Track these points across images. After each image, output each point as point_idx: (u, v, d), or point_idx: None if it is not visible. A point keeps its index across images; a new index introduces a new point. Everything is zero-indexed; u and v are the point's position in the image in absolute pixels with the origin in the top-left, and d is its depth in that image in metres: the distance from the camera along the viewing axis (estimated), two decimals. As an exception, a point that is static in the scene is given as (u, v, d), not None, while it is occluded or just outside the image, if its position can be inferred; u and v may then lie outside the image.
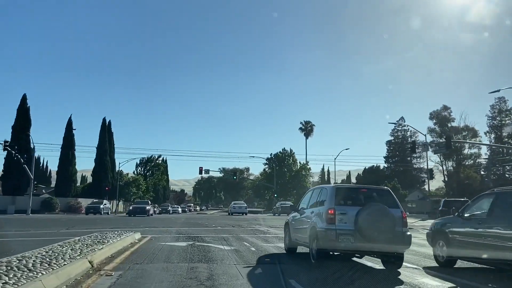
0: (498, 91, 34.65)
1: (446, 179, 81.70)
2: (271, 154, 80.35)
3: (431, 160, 79.76)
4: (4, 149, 47.41)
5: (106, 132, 71.23)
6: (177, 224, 25.61)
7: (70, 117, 64.94)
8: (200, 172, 69.29)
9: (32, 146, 55.64)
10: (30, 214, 51.16)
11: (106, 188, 65.05)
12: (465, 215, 9.53)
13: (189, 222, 28.27)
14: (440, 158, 78.53)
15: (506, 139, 74.34)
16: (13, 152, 53.78)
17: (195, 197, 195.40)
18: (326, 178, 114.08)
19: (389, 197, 9.51)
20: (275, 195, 74.32)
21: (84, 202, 63.59)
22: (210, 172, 73.81)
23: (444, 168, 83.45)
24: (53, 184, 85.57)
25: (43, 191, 69.31)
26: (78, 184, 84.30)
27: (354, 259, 10.28)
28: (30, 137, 54.39)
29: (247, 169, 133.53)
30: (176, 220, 31.76)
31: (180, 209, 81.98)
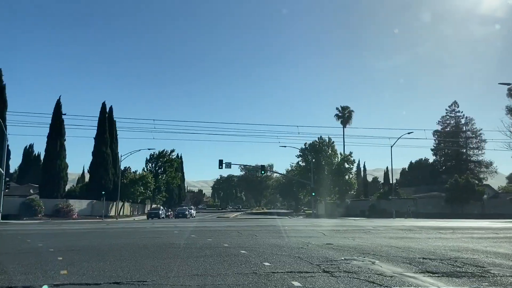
0: None
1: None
2: (305, 144, 66.39)
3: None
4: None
5: (106, 119, 58.57)
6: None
7: (59, 99, 52.48)
8: (220, 165, 55.91)
9: (5, 132, 42.92)
10: (1, 220, 38.65)
11: None
12: None
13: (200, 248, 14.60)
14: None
15: None
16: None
17: (213, 197, 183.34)
18: (362, 175, 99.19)
19: None
20: (313, 193, 60.25)
21: (78, 204, 50.96)
22: (232, 166, 60.21)
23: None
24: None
25: (31, 191, 56.99)
26: (75, 184, 72.01)
27: None
28: (2, 121, 41.66)
29: (271, 166, 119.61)
30: (171, 235, 18.14)
31: (193, 211, 68.64)
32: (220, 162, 56.56)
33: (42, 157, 72.21)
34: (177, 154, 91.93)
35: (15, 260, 8.98)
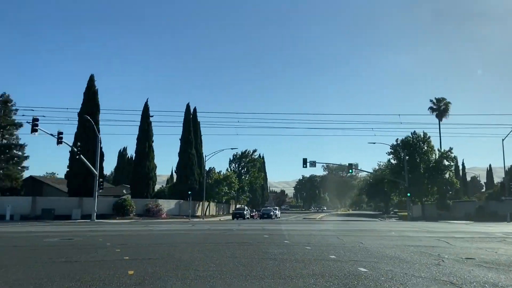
0: None
1: None
2: (397, 140, 60.74)
3: None
4: (58, 143, 36.49)
5: (190, 120, 59.27)
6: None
7: (146, 102, 54.01)
8: (305, 164, 53.27)
9: (98, 135, 44.97)
10: (96, 220, 40.34)
11: None
12: None
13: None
14: None
15: None
16: (72, 146, 43.65)
17: (296, 198, 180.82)
18: (461, 174, 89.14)
19: None
20: (408, 194, 54.64)
21: (166, 204, 51.86)
22: (316, 164, 57.19)
23: None
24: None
25: (124, 191, 59.66)
26: (164, 185, 74.47)
27: None
28: (93, 124, 43.66)
29: (355, 166, 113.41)
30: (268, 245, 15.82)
31: (278, 212, 66.56)
32: (304, 161, 53.98)
33: (133, 159, 76.16)
34: (259, 154, 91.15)
35: (77, 272, 7.33)
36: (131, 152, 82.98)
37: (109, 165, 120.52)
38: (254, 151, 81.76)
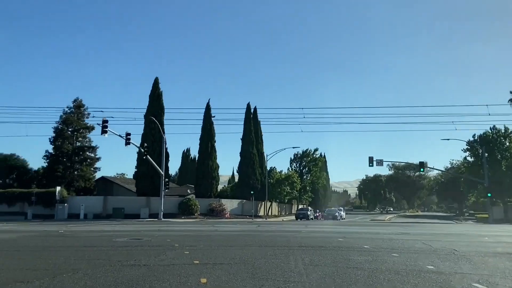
0: None
1: None
2: (473, 136, 55.60)
3: None
4: (127, 144, 37.64)
5: (251, 119, 58.93)
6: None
7: (208, 102, 54.43)
8: (371, 162, 50.51)
9: (163, 136, 46.02)
10: (162, 219, 41.21)
11: None
12: None
13: None
14: None
15: None
16: (139, 147, 44.98)
17: (360, 198, 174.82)
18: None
19: None
20: (489, 194, 49.80)
21: (229, 203, 51.90)
22: (383, 163, 54.08)
23: None
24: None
25: (188, 191, 60.77)
26: (226, 185, 75.05)
27: None
28: (158, 125, 44.68)
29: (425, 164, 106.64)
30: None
31: (343, 213, 63.93)
32: (371, 159, 51.18)
33: (196, 160, 77.72)
34: (321, 153, 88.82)
35: (147, 279, 6.63)
36: (194, 153, 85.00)
37: (173, 165, 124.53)
38: (316, 150, 79.73)
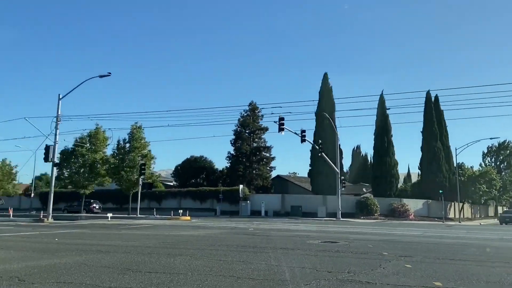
0: None
1: None
2: None
3: None
4: (302, 141, 37.11)
5: (432, 110, 52.12)
6: None
7: (381, 94, 50.30)
8: None
9: (336, 132, 44.19)
10: (341, 219, 39.32)
11: None
12: None
13: None
14: None
15: None
16: (314, 144, 44.07)
17: None
18: None
19: None
20: None
21: (413, 204, 46.78)
22: None
23: None
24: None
25: (364, 189, 57.41)
26: (402, 184, 68.54)
27: None
28: (331, 121, 42.99)
29: None
30: None
31: None
32: None
33: (368, 157, 73.55)
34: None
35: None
36: (364, 150, 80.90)
37: (344, 163, 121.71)
38: (516, 140, 66.10)
